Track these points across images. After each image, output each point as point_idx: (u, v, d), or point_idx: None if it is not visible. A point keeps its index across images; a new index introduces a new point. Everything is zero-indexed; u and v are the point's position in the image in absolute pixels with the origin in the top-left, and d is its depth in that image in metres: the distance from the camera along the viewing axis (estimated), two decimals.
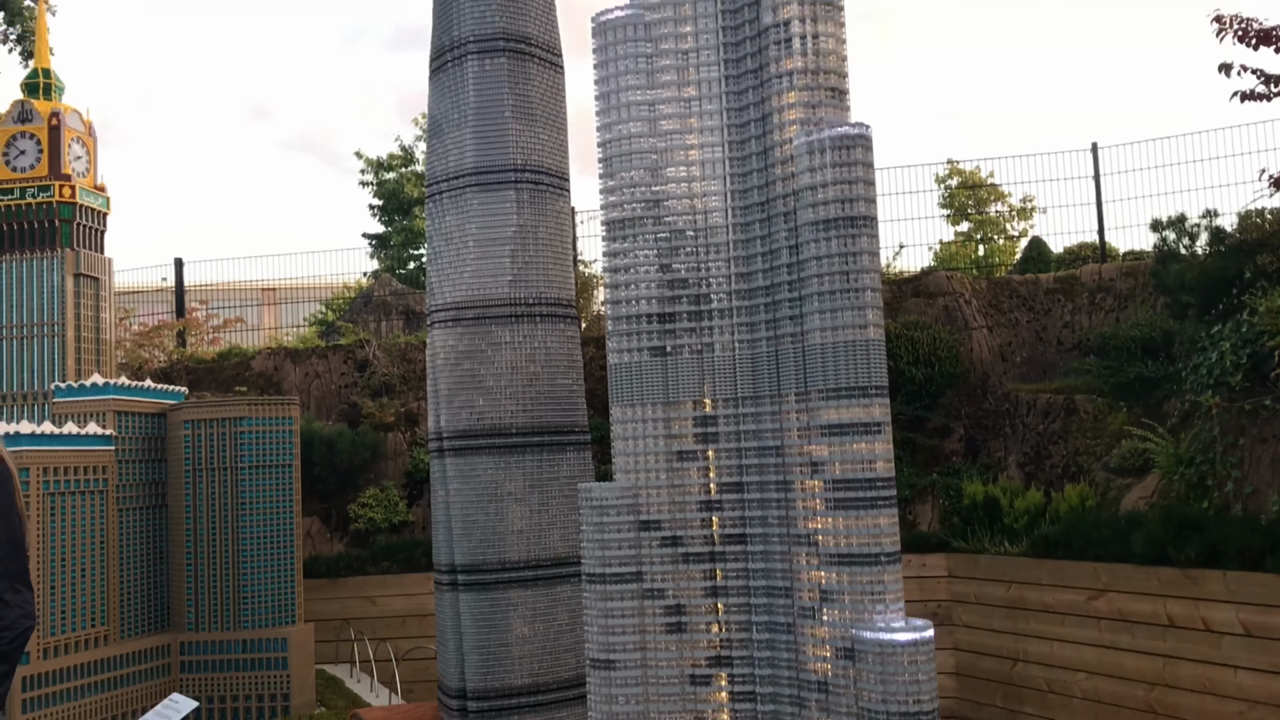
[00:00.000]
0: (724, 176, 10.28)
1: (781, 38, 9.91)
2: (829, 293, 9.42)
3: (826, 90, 9.91)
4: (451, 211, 15.97)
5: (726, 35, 10.36)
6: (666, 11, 10.50)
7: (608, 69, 10.65)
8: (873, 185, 9.70)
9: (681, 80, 10.49)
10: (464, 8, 15.93)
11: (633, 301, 10.47)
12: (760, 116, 10.17)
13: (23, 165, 17.82)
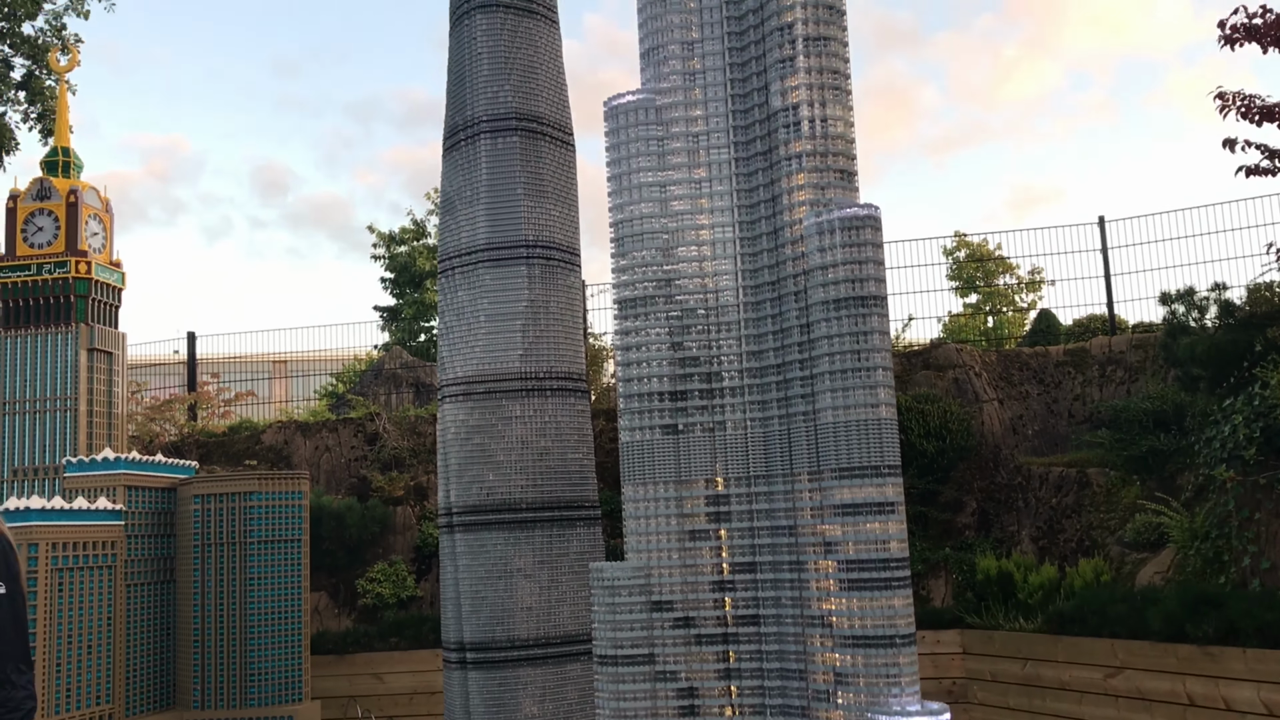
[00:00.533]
0: (735, 256, 10.37)
1: (790, 121, 10.07)
2: (841, 372, 9.45)
3: (835, 172, 10.03)
4: (463, 287, 16.10)
5: (736, 118, 10.52)
6: (677, 96, 10.68)
7: (620, 151, 10.81)
8: (882, 265, 9.77)
9: (692, 162, 10.63)
10: (477, 88, 16.22)
11: (644, 379, 10.51)
12: (770, 197, 10.29)
13: (40, 242, 18.05)
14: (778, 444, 10.02)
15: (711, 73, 10.53)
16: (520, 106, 16.07)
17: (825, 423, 9.48)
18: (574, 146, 16.89)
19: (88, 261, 17.97)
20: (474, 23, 16.31)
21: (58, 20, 23.00)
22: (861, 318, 9.46)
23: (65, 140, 19.00)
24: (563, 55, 17.09)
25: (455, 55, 16.72)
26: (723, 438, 10.22)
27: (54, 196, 18.19)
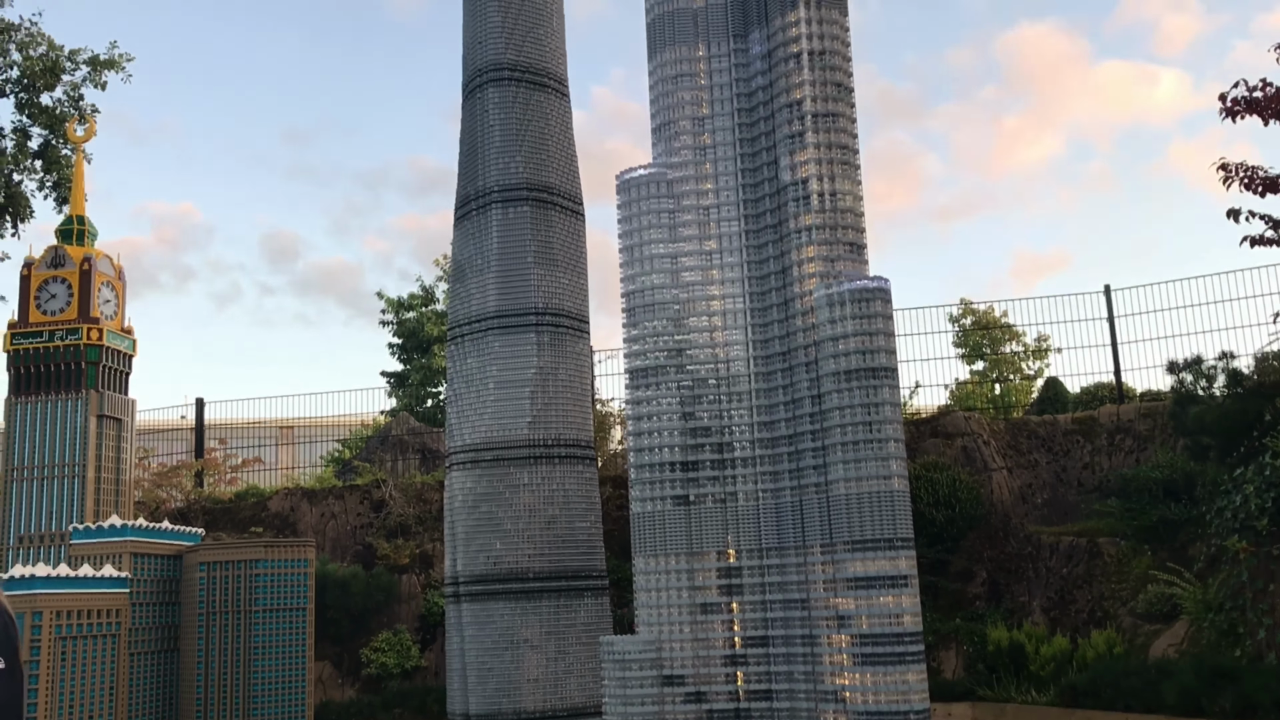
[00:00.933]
0: (745, 326, 10.44)
1: (800, 195, 10.20)
2: (853, 443, 9.46)
3: (845, 245, 10.14)
4: (473, 354, 16.17)
5: (746, 192, 10.66)
6: (688, 170, 10.83)
7: (632, 223, 10.95)
8: (892, 337, 9.84)
9: (703, 234, 10.75)
10: (489, 159, 16.44)
11: (655, 450, 10.52)
12: (780, 269, 10.39)
13: (53, 309, 18.18)
14: (790, 515, 10.00)
15: (722, 147, 10.67)
16: (531, 177, 16.28)
17: (838, 494, 9.47)
18: (584, 215, 17.06)
19: (99, 328, 18.08)
20: (486, 96, 16.58)
21: (75, 91, 23.41)
22: (873, 389, 9.50)
23: (80, 209, 19.23)
24: (573, 127, 17.35)
25: (468, 127, 16.97)
26: (734, 509, 10.21)
27: (68, 264, 18.36)
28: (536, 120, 16.71)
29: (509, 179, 16.33)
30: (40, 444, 17.85)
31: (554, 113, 16.96)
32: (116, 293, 18.91)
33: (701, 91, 10.88)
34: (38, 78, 22.78)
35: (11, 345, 18.04)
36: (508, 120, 16.53)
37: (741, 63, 10.75)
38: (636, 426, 10.61)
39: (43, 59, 22.94)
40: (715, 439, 10.34)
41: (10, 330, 18.13)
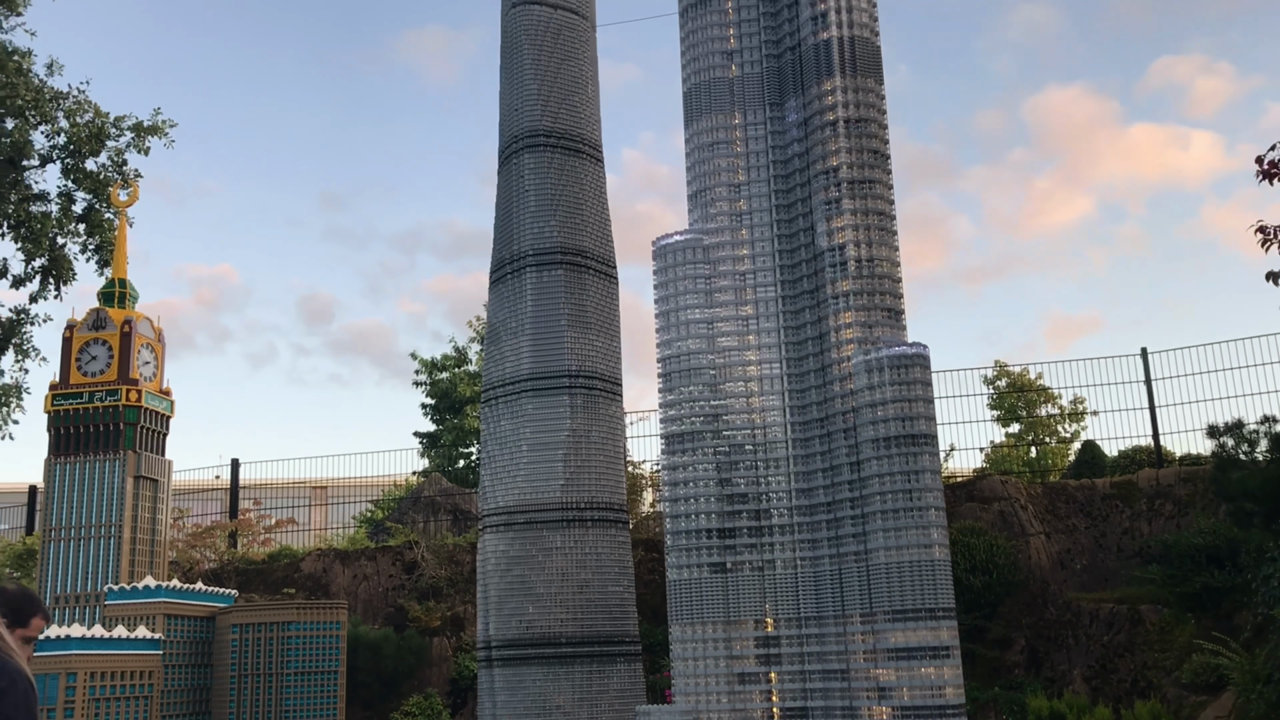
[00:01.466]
0: (782, 392, 10.41)
1: (837, 261, 10.23)
2: (893, 511, 9.38)
3: (883, 310, 10.13)
4: (506, 416, 16.21)
5: (783, 258, 10.70)
6: (724, 236, 10.89)
7: (668, 289, 11.00)
8: (932, 404, 9.78)
9: (739, 299, 10.78)
10: (524, 224, 16.61)
11: (692, 516, 10.46)
12: (817, 335, 10.38)
13: (93, 370, 18.41)
14: (829, 584, 9.89)
15: (758, 214, 10.74)
16: (565, 241, 16.43)
17: (878, 563, 9.36)
18: (617, 279, 17.16)
19: (138, 390, 18.29)
20: (522, 162, 16.81)
21: (119, 156, 23.91)
22: (912, 456, 9.43)
23: (122, 272, 19.55)
24: (606, 191, 17.53)
25: (503, 192, 17.19)
26: (772, 577, 10.11)
27: (109, 326, 18.63)
28: (571, 185, 16.89)
29: (543, 243, 16.48)
30: (78, 504, 17.99)
31: (588, 178, 17.14)
32: (156, 354, 19.14)
33: (738, 159, 10.98)
34: (84, 144, 23.31)
35: (53, 406, 18.27)
36: (543, 185, 16.73)
37: (777, 130, 10.85)
38: (673, 493, 10.57)
39: (89, 125, 23.49)
40: (752, 506, 10.27)
41: (52, 391, 18.37)
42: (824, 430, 10.16)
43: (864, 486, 9.61)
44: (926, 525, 9.30)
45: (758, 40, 10.88)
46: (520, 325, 16.40)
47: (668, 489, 10.65)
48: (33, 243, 23.33)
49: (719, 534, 10.28)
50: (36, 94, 22.72)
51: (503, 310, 16.81)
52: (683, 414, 10.64)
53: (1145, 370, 21.89)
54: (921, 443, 9.49)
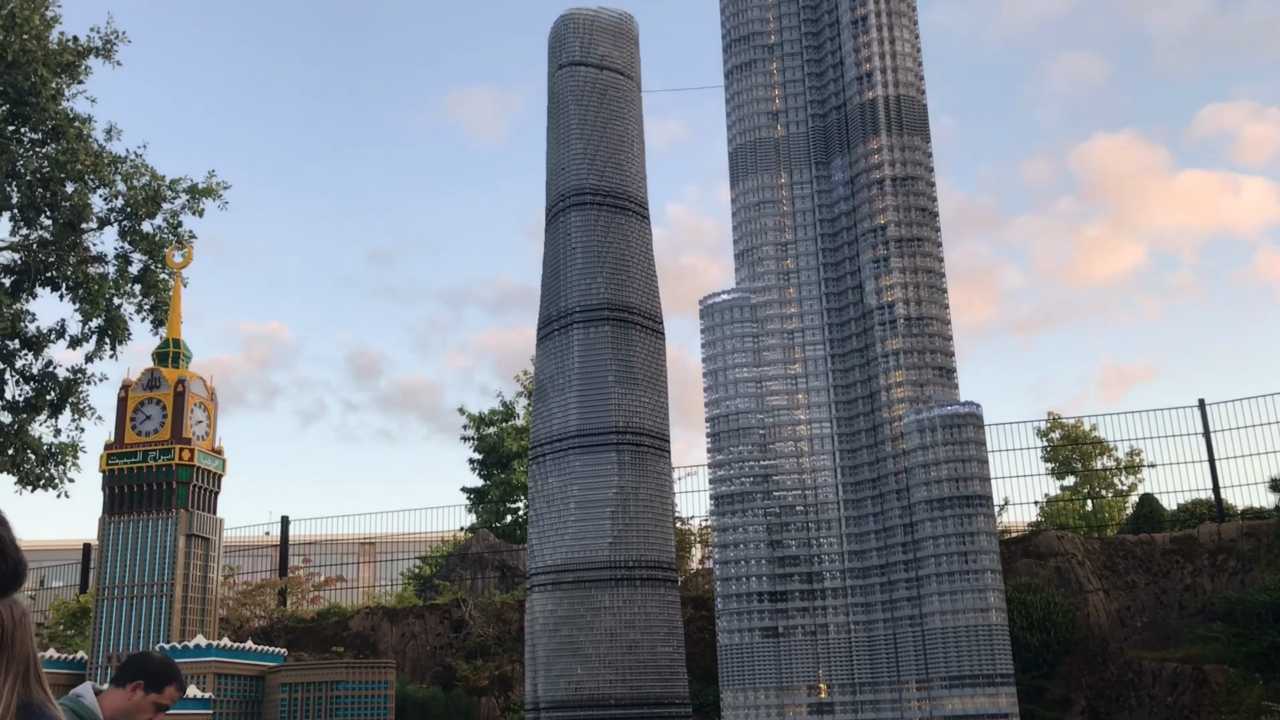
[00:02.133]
0: (833, 452, 10.30)
1: (886, 319, 10.14)
2: (948, 574, 9.20)
3: (934, 369, 10.02)
4: (554, 473, 16.17)
5: (831, 316, 10.64)
6: (771, 294, 10.87)
7: (715, 348, 10.97)
8: (986, 463, 9.62)
9: (788, 358, 10.72)
10: (571, 280, 16.69)
11: (742, 579, 10.33)
12: (868, 394, 10.28)
13: (148, 430, 18.66)
14: (883, 649, 9.70)
15: (806, 272, 10.71)
16: (612, 297, 16.47)
17: (933, 627, 9.17)
18: (663, 334, 17.15)
19: (191, 449, 18.49)
20: (569, 219, 16.92)
21: (174, 219, 24.43)
22: (967, 517, 9.26)
23: (176, 332, 19.87)
24: (653, 247, 17.59)
25: (551, 249, 17.30)
26: (825, 642, 9.94)
27: (163, 386, 18.90)
28: (617, 242, 16.95)
29: (590, 299, 16.53)
30: (131, 563, 18.15)
31: (634, 234, 17.21)
32: (208, 413, 19.37)
33: (784, 218, 10.98)
34: (140, 206, 23.84)
35: (108, 465, 18.52)
36: (589, 243, 16.81)
37: (824, 189, 10.83)
38: (723, 555, 10.45)
39: (146, 189, 24.05)
40: (804, 568, 10.13)
41: (107, 451, 18.64)
42: (876, 491, 10.02)
43: (918, 548, 9.45)
44: (983, 588, 9.10)
45: (803, 100, 10.90)
46: (567, 381, 16.41)
47: (718, 551, 10.54)
48: (90, 304, 23.81)
49: (770, 597, 10.13)
50: (96, 159, 23.32)
51: (550, 366, 16.85)
52: (732, 474, 10.55)
53: (1203, 422, 21.43)
54: (976, 503, 9.32)
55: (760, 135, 11.12)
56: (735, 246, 11.22)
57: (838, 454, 10.33)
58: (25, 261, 23.47)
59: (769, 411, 10.64)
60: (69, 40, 23.53)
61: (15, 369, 23.82)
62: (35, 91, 22.51)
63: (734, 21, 11.53)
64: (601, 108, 17.21)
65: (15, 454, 23.42)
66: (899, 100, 10.30)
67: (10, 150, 22.82)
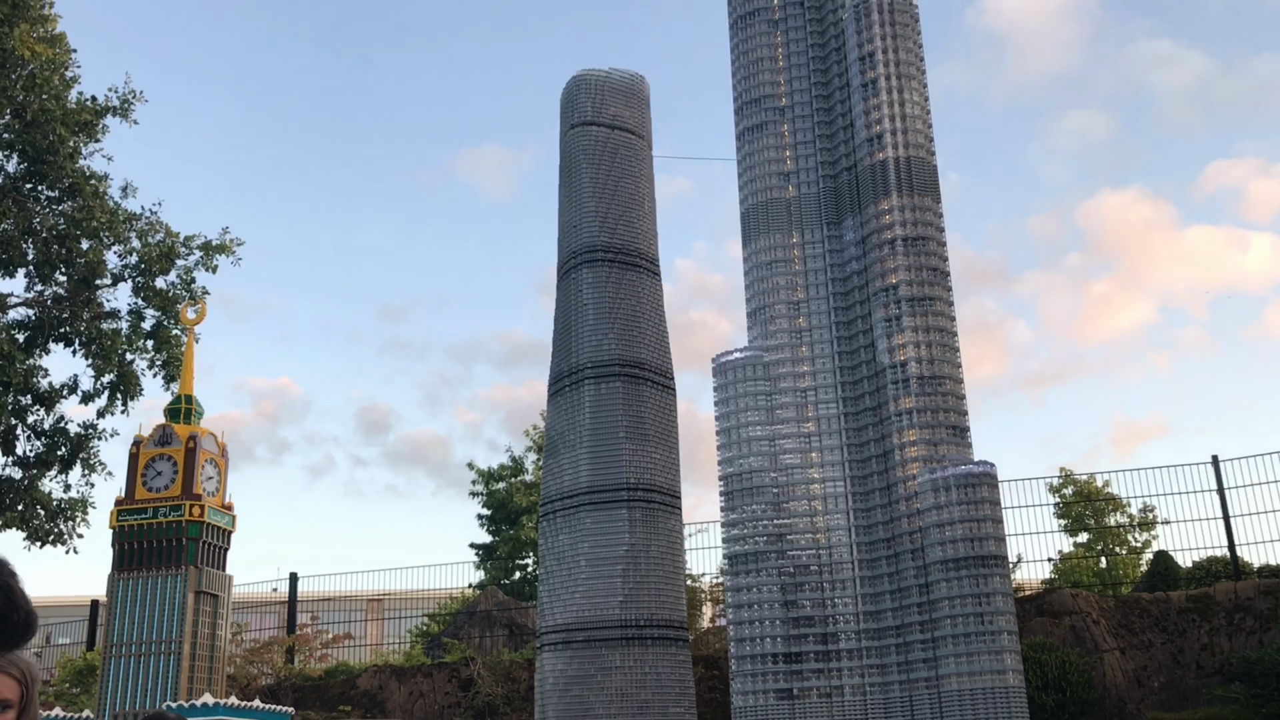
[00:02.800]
0: (847, 511, 10.26)
1: (899, 378, 10.16)
2: (964, 635, 9.11)
3: (947, 428, 10.01)
4: (565, 530, 16.11)
5: (844, 375, 10.65)
6: (784, 353, 10.90)
7: (729, 405, 10.98)
8: (1001, 523, 9.57)
9: (801, 417, 10.72)
10: (582, 337, 16.74)
11: (757, 640, 10.25)
12: (881, 453, 10.26)
13: (158, 486, 18.65)
14: (899, 710, 9.59)
15: (818, 330, 10.75)
16: (623, 354, 16.51)
17: (950, 689, 9.07)
18: (674, 390, 17.15)
19: (201, 505, 18.46)
20: (580, 276, 17.02)
21: (188, 275, 24.59)
22: (982, 578, 9.19)
23: (189, 388, 19.92)
24: (663, 304, 17.66)
25: (562, 306, 17.39)
26: (840, 703, 9.83)
27: (174, 442, 18.91)
28: (628, 299, 17.03)
29: (601, 355, 16.56)
30: (139, 620, 18.05)
31: (645, 291, 17.29)
32: (219, 469, 19.37)
33: (796, 276, 11.04)
34: (154, 263, 24.02)
35: (118, 521, 18.50)
36: (601, 299, 16.89)
37: (835, 249, 10.91)
38: (737, 615, 10.38)
39: (160, 245, 24.24)
40: (819, 629, 10.05)
41: (117, 507, 18.62)
42: (891, 550, 9.96)
43: (933, 609, 9.37)
44: (999, 650, 9.01)
45: (814, 161, 11.01)
46: (579, 438, 16.40)
47: (732, 611, 10.46)
48: (102, 359, 23.90)
49: (785, 658, 10.04)
50: (111, 216, 23.54)
51: (561, 422, 16.85)
52: (746, 533, 10.50)
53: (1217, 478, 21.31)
54: (991, 564, 9.26)
55: (772, 196, 11.22)
56: (748, 305, 11.28)
57: (852, 513, 10.29)
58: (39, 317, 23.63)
59: (782, 470, 10.62)
60: (87, 100, 23.87)
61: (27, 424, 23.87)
62: (53, 150, 22.81)
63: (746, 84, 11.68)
64: (613, 166, 17.38)
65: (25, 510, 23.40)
66: (909, 161, 10.39)
67: (27, 208, 23.08)
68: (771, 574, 10.25)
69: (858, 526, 10.21)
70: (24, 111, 22.38)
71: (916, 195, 10.42)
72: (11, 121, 22.54)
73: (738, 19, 12.45)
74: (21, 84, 22.23)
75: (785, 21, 11.81)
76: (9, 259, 22.91)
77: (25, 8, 22.20)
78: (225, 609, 18.75)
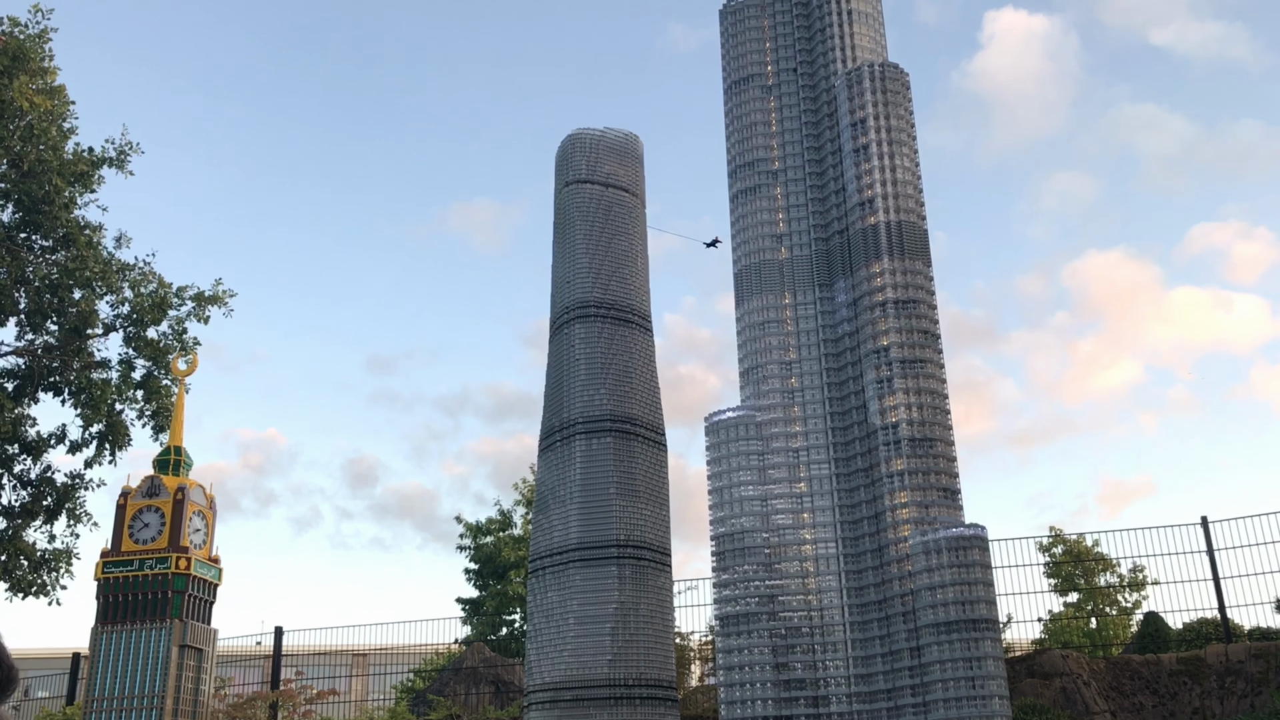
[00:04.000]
0: (839, 573, 10.25)
1: (891, 439, 10.20)
2: (955, 699, 9.08)
3: (938, 490, 10.04)
4: (554, 587, 16.02)
5: (836, 435, 10.70)
6: (776, 412, 10.95)
7: (721, 465, 11.00)
8: (992, 586, 9.57)
9: (793, 477, 10.75)
10: (574, 392, 16.78)
11: (748, 703, 10.19)
12: (873, 514, 10.28)
13: (145, 538, 18.52)
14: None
15: (810, 391, 10.81)
16: (615, 409, 16.53)
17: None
18: (666, 446, 17.16)
19: (188, 558, 18.33)
20: (573, 331, 17.10)
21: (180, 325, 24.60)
22: (974, 641, 9.18)
23: (179, 439, 19.86)
24: (655, 359, 17.72)
25: (554, 361, 17.43)
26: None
27: (162, 494, 18.82)
28: (620, 354, 17.10)
29: (593, 410, 16.59)
30: (121, 674, 17.83)
31: (637, 346, 17.36)
32: (207, 521, 19.25)
33: (788, 337, 11.12)
34: (146, 313, 24.03)
35: (103, 573, 18.34)
36: (593, 354, 16.95)
37: (827, 309, 11.00)
38: (727, 677, 10.32)
39: (152, 295, 24.27)
40: (810, 691, 10.00)
41: (103, 559, 18.48)
42: (882, 613, 9.95)
43: (925, 673, 9.34)
44: (990, 714, 8.98)
45: (806, 224, 11.15)
46: (569, 493, 16.38)
47: (723, 673, 10.41)
48: (91, 409, 23.82)
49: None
50: (105, 266, 23.59)
51: (551, 477, 16.83)
52: (738, 594, 10.48)
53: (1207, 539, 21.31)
54: (983, 627, 9.25)
55: (765, 257, 11.34)
56: (740, 364, 11.34)
57: (843, 575, 10.29)
58: (29, 366, 23.58)
59: (774, 530, 10.63)
60: (84, 151, 24.02)
61: (13, 474, 23.72)
62: (49, 200, 22.91)
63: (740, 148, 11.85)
64: (607, 223, 17.53)
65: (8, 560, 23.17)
66: (900, 226, 10.53)
67: (21, 257, 23.12)
68: (763, 635, 10.23)
69: (849, 588, 10.21)
70: (21, 161, 22.51)
71: (907, 259, 10.55)
72: (8, 171, 22.66)
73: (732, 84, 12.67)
74: (19, 134, 22.37)
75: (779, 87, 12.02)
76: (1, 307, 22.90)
77: (26, 60, 22.41)
78: (209, 663, 18.54)
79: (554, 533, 16.33)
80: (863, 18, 11.44)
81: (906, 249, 10.51)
